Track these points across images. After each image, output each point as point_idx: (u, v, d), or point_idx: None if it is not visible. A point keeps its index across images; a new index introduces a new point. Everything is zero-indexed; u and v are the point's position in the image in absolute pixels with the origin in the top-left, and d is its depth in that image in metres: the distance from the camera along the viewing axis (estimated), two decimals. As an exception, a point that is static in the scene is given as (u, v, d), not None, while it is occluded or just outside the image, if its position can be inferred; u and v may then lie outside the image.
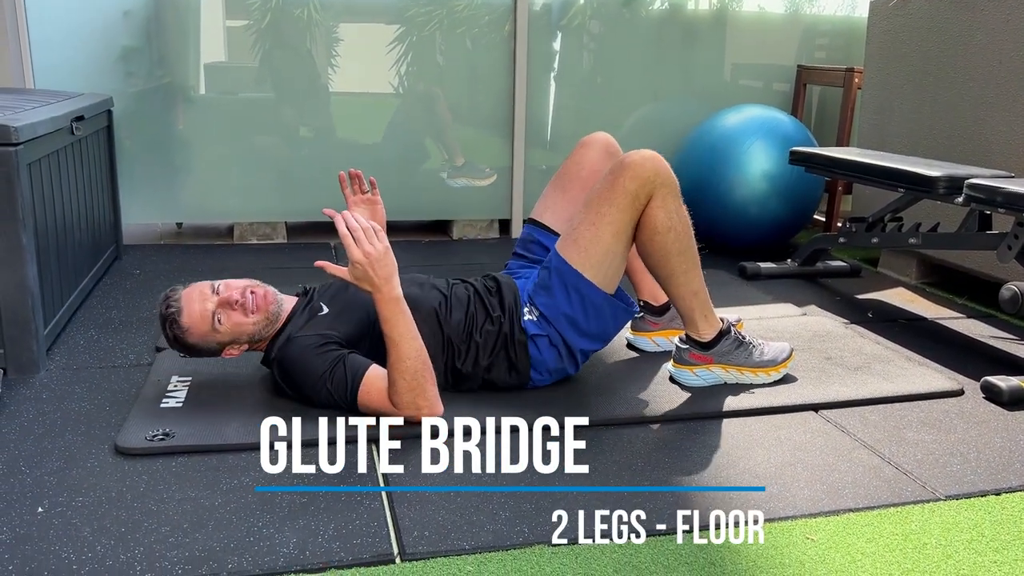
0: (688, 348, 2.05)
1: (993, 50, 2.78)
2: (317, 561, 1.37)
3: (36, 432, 1.79)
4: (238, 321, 1.88)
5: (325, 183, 3.54)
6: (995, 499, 1.63)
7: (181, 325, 1.87)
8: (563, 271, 1.93)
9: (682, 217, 1.94)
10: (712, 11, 3.85)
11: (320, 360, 1.82)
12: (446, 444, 1.76)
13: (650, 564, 1.40)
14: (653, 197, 1.89)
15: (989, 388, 2.09)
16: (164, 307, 1.89)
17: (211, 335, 1.88)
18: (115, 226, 3.12)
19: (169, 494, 1.55)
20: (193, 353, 1.93)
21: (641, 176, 1.88)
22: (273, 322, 1.93)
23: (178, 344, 1.91)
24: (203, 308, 1.87)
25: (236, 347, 1.92)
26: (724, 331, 2.04)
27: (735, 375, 2.06)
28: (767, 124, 3.31)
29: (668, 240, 1.92)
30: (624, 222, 1.90)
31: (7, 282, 2.02)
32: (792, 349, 2.14)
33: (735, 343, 2.04)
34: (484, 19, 3.55)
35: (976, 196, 2.29)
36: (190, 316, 1.86)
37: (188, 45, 3.36)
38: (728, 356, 2.04)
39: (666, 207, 1.90)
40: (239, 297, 1.87)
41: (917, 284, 3.10)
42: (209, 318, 1.86)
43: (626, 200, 1.88)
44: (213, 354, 1.93)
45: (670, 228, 1.91)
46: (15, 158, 1.97)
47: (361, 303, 1.95)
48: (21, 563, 1.35)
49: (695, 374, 2.05)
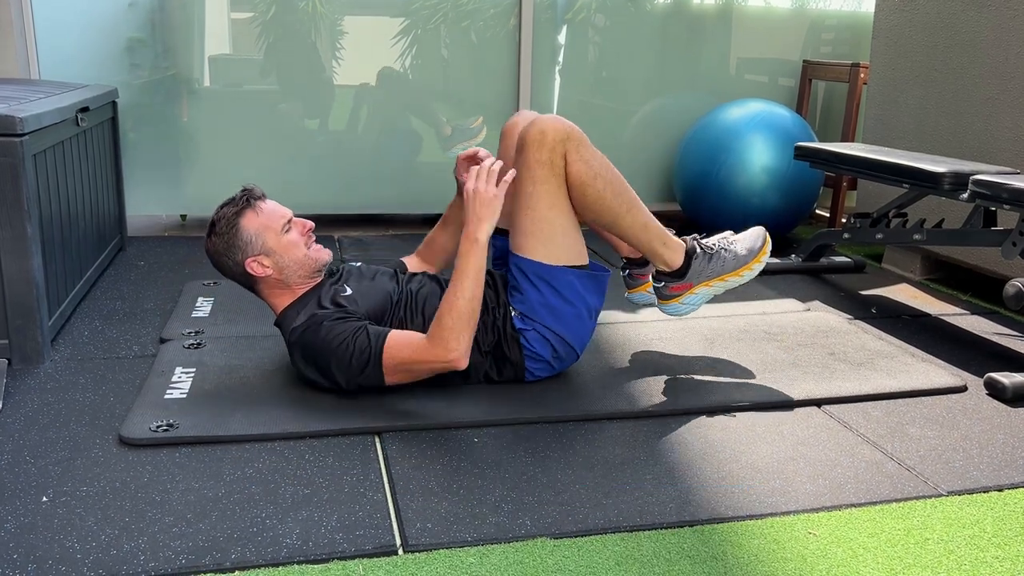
0: (665, 283, 2.03)
1: (1000, 46, 2.77)
2: (320, 552, 1.38)
3: (41, 422, 1.80)
4: (296, 242, 1.91)
5: (329, 175, 3.55)
6: (997, 495, 1.63)
7: (257, 204, 1.89)
8: (521, 265, 1.94)
9: (602, 161, 1.92)
10: (717, 5, 3.84)
11: (341, 330, 1.83)
12: (449, 437, 1.76)
13: (652, 557, 1.40)
14: (567, 154, 1.88)
15: (992, 384, 2.09)
16: (250, 189, 1.92)
17: (270, 233, 1.88)
18: (119, 218, 3.12)
19: (173, 484, 1.56)
20: (227, 239, 1.88)
21: (546, 142, 1.87)
22: (310, 275, 1.94)
23: (234, 215, 1.88)
24: (282, 210, 1.92)
25: (267, 264, 1.89)
26: (690, 251, 2.00)
27: (719, 286, 2.02)
28: (768, 119, 3.34)
29: (599, 187, 1.91)
30: (553, 191, 1.89)
31: (12, 273, 2.02)
32: (765, 231, 2.06)
33: (705, 258, 2.00)
34: (489, 12, 3.55)
35: (981, 192, 2.28)
36: (270, 206, 1.91)
37: (193, 37, 3.36)
38: (704, 273, 2.00)
39: (583, 158, 1.89)
40: (310, 227, 1.95)
41: (921, 280, 3.10)
42: (283, 218, 1.90)
43: (543, 170, 1.88)
44: (240, 255, 1.88)
45: (596, 175, 1.90)
46: (21, 149, 1.98)
47: (383, 290, 1.97)
48: (26, 552, 1.36)
49: (682, 303, 2.03)
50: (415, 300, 1.98)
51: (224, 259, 1.91)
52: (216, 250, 1.91)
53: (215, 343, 2.21)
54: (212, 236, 1.91)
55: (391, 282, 2.02)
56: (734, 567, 1.38)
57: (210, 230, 1.92)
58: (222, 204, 1.92)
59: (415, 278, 2.05)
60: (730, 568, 1.38)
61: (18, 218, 2.00)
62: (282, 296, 1.95)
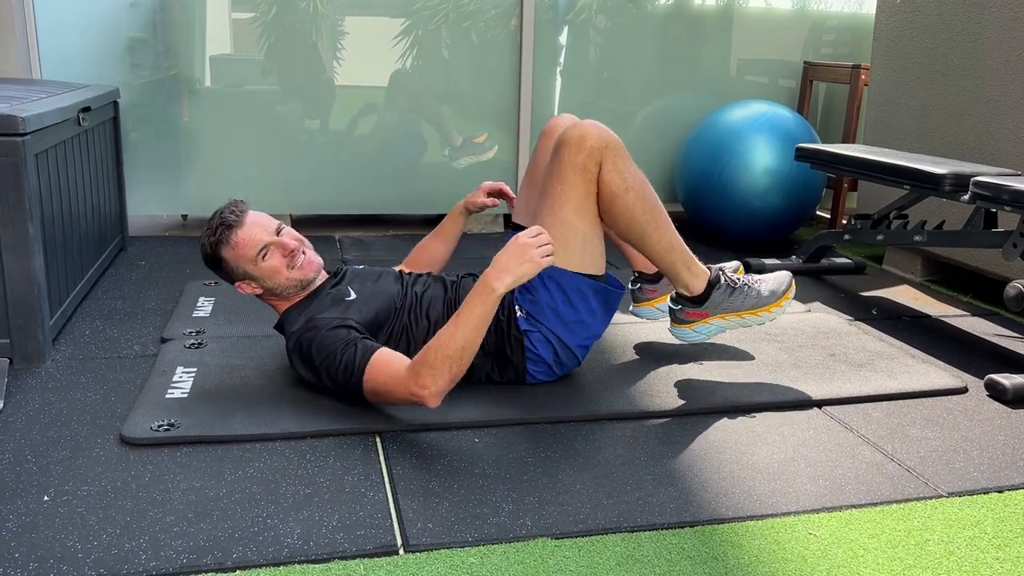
0: (682, 307, 2.00)
1: (1001, 48, 2.78)
2: (321, 552, 1.38)
3: (42, 421, 1.80)
4: (277, 267, 1.89)
5: (330, 176, 3.55)
6: (998, 496, 1.63)
7: (230, 237, 1.87)
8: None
9: (637, 176, 1.90)
10: (719, 6, 3.84)
11: (335, 337, 1.82)
12: (450, 437, 1.76)
13: (653, 558, 1.40)
14: (603, 163, 1.85)
15: (993, 386, 2.09)
16: (227, 212, 1.89)
17: (247, 262, 1.88)
18: (121, 217, 3.12)
19: (174, 484, 1.56)
20: (213, 264, 1.92)
21: (584, 146, 1.84)
22: (302, 289, 1.94)
23: (211, 249, 1.89)
24: (258, 236, 1.88)
25: (254, 286, 1.91)
26: (713, 280, 1.98)
27: (735, 321, 2.00)
28: (771, 120, 3.34)
29: (629, 201, 1.88)
30: (581, 197, 1.86)
31: (14, 272, 2.02)
32: (792, 276, 2.04)
33: (727, 291, 1.98)
34: (490, 13, 3.55)
35: (982, 194, 2.28)
36: (244, 235, 1.87)
37: (194, 37, 3.36)
38: (723, 305, 1.98)
39: (617, 169, 1.87)
40: (293, 248, 1.90)
41: (922, 281, 3.10)
42: (257, 247, 1.87)
43: (576, 175, 1.85)
44: (230, 277, 1.92)
45: (628, 188, 1.87)
46: (22, 148, 1.98)
47: (387, 293, 1.96)
48: (27, 551, 1.36)
49: (694, 330, 2.01)
50: (419, 303, 1.97)
51: (217, 275, 1.96)
52: (215, 269, 1.95)
53: (216, 343, 2.21)
54: (202, 256, 1.95)
55: (395, 285, 2.01)
56: (735, 567, 1.38)
57: (200, 249, 1.95)
58: (207, 224, 1.91)
59: (419, 279, 2.05)
60: (731, 569, 1.38)
61: (20, 218, 2.00)
62: (281, 302, 1.97)
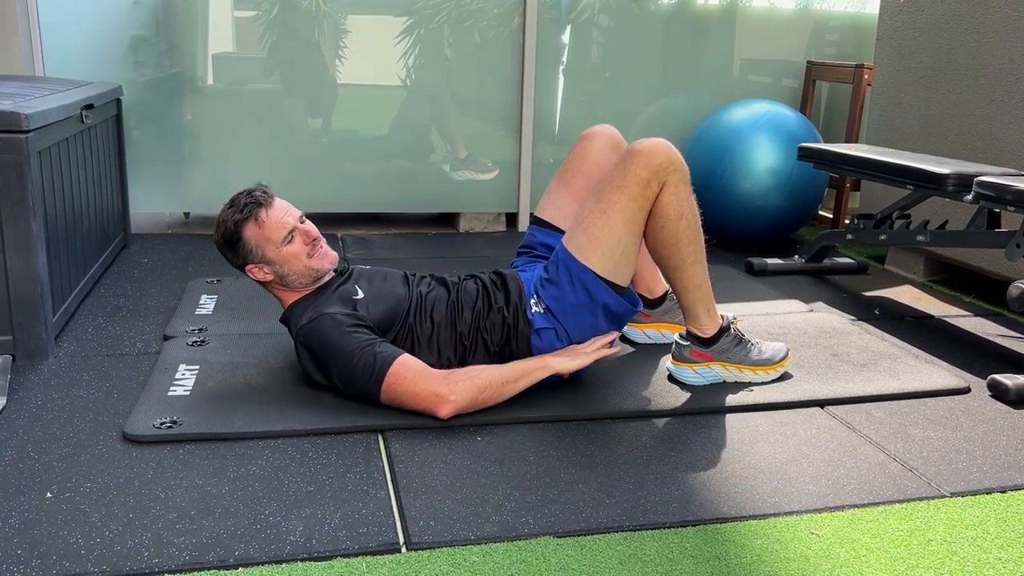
0: (689, 345, 2.03)
1: (1004, 47, 2.77)
2: (324, 549, 1.38)
3: (45, 418, 1.80)
4: (297, 253, 1.89)
5: (332, 174, 3.55)
6: (1000, 496, 1.63)
7: (259, 215, 1.87)
8: (570, 264, 1.91)
9: (692, 206, 1.93)
10: (721, 6, 3.84)
11: (351, 339, 1.82)
12: (452, 435, 1.76)
13: (655, 557, 1.40)
14: (665, 184, 1.87)
15: (995, 386, 2.08)
16: (256, 191, 1.89)
17: (269, 244, 1.87)
18: (123, 215, 3.13)
19: (176, 481, 1.56)
20: (230, 242, 1.90)
21: (653, 163, 1.86)
22: (313, 281, 1.94)
23: (234, 226, 1.88)
24: (286, 219, 1.89)
25: (266, 271, 1.91)
26: (724, 328, 2.03)
27: (734, 373, 2.06)
28: (773, 120, 3.33)
29: (679, 228, 1.91)
30: (635, 210, 1.88)
31: (17, 269, 2.03)
32: (788, 349, 2.13)
33: (735, 340, 2.04)
34: (493, 12, 3.55)
35: (985, 194, 2.28)
36: (273, 216, 1.88)
37: (197, 35, 3.36)
38: (727, 353, 2.03)
39: (678, 194, 1.89)
40: (316, 236, 1.92)
41: (924, 281, 3.10)
42: (286, 229, 1.88)
43: (638, 188, 1.86)
44: (241, 261, 1.91)
45: (681, 216, 1.90)
46: (25, 145, 1.98)
47: (395, 294, 1.96)
48: (30, 547, 1.36)
49: (695, 371, 2.04)
50: (424, 304, 1.97)
51: (228, 258, 1.94)
52: (220, 248, 1.93)
53: (218, 340, 2.21)
54: (216, 234, 1.92)
55: (403, 287, 2.00)
56: (737, 567, 1.38)
57: (215, 228, 1.92)
58: (230, 202, 1.91)
59: (424, 281, 2.05)
60: (733, 568, 1.38)
61: (23, 215, 2.01)
62: (288, 294, 1.96)
